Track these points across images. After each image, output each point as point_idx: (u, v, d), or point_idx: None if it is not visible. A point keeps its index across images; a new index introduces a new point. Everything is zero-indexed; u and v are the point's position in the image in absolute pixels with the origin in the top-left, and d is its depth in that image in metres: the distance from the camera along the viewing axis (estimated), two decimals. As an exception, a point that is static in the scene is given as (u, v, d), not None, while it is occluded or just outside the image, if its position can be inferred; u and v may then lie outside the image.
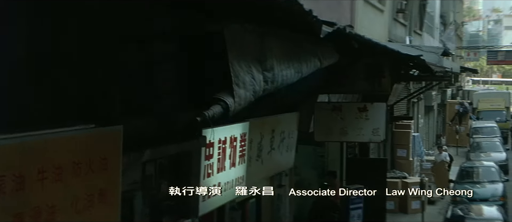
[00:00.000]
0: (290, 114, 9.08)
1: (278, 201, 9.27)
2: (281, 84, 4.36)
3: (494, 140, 26.58)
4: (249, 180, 7.77)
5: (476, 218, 12.55)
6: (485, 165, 19.23)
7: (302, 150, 14.24)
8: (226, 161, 6.84)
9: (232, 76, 3.74)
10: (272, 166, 8.66)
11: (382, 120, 9.16)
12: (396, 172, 18.10)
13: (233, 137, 6.97)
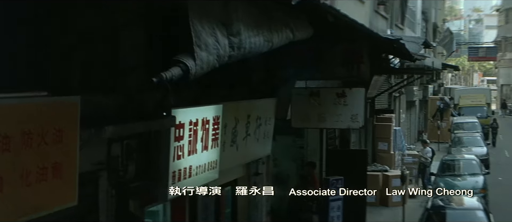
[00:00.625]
0: (266, 99, 8.86)
1: (256, 187, 9.02)
2: (250, 53, 4.12)
3: (475, 135, 26.61)
4: (223, 165, 7.52)
5: (457, 208, 12.43)
6: (466, 158, 19.19)
7: (281, 140, 14.04)
8: (198, 144, 6.58)
9: (193, 36, 3.50)
10: (247, 152, 8.43)
11: (361, 105, 8.96)
12: (377, 166, 17.97)
13: (206, 119, 6.72)
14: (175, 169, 6.15)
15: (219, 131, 7.14)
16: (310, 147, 13.30)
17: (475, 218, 11.35)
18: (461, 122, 30.28)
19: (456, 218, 11.74)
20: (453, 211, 12.10)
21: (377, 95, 18.63)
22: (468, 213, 11.74)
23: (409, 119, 29.72)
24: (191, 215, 7.32)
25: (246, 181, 9.06)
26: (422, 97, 33.95)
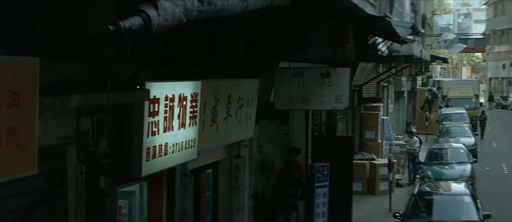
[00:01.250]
0: (249, 79, 8.60)
1: (236, 171, 8.79)
2: (222, 10, 3.86)
3: (463, 125, 26.51)
4: (202, 145, 7.27)
5: (444, 193, 12.26)
6: (454, 147, 19.06)
7: (266, 127, 13.81)
8: (174, 121, 6.32)
9: (157, -18, 3.22)
10: (228, 134, 8.17)
11: (346, 86, 8.72)
12: (364, 154, 17.79)
13: (183, 95, 6.45)
14: (149, 146, 5.89)
15: (198, 109, 6.88)
16: (295, 133, 13.06)
17: (462, 203, 11.18)
18: (449, 113, 30.19)
19: (442, 203, 11.56)
20: (439, 196, 11.92)
21: (365, 83, 18.43)
22: (455, 198, 11.58)
23: (397, 109, 29.59)
24: (168, 196, 7.06)
25: (228, 164, 8.81)
26: (410, 89, 33.84)
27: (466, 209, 11.10)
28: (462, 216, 10.90)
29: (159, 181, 7.04)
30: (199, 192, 8.30)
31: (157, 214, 7.03)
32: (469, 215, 10.95)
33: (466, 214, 10.98)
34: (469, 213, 11.01)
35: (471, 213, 10.99)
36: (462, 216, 10.90)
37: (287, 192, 11.31)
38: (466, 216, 10.91)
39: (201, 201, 8.40)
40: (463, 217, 10.86)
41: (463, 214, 10.98)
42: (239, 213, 8.83)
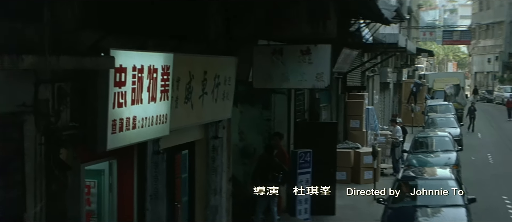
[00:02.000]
0: (226, 57, 8.28)
1: (213, 153, 8.47)
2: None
3: (448, 116, 26.40)
4: (176, 123, 6.95)
5: (428, 178, 12.03)
6: (439, 135, 18.89)
7: (247, 113, 13.51)
8: (143, 93, 5.99)
9: None
10: (204, 112, 7.85)
11: (327, 64, 8.43)
12: (348, 143, 17.53)
13: (153, 67, 6.12)
14: (115, 117, 5.55)
15: (170, 83, 6.56)
16: (277, 119, 12.78)
17: (447, 187, 10.93)
18: (435, 104, 30.07)
19: (427, 187, 11.31)
20: (424, 181, 11.68)
21: (349, 71, 18.18)
22: (439, 183, 11.32)
23: (383, 101, 29.42)
24: (140, 175, 6.73)
25: (204, 145, 8.49)
26: (396, 81, 33.71)
27: (451, 194, 10.87)
28: (447, 200, 10.66)
29: (130, 159, 6.70)
30: (173, 173, 7.99)
31: (127, 194, 6.71)
32: (454, 199, 10.73)
33: (451, 198, 10.75)
34: (454, 197, 10.79)
35: (456, 197, 10.78)
36: (447, 200, 10.66)
37: (268, 178, 11.00)
38: (451, 200, 10.69)
39: (177, 183, 8.08)
40: (448, 201, 10.63)
41: (448, 198, 10.75)
42: (217, 195, 8.52)
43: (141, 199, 6.77)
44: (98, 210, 6.73)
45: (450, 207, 10.49)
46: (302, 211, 12.50)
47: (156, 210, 6.83)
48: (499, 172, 19.13)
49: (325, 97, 17.25)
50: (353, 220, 12.68)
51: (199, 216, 8.49)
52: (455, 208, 10.48)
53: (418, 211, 10.54)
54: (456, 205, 10.55)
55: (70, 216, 5.16)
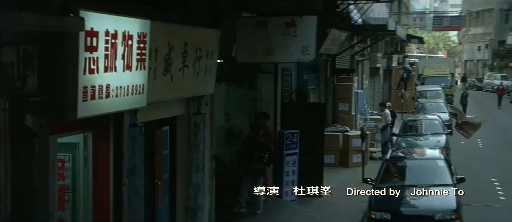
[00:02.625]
0: (208, 29, 7.99)
1: (195, 129, 8.20)
2: None
3: (438, 101, 26.23)
4: (154, 95, 6.68)
5: (417, 158, 11.84)
6: (429, 118, 18.72)
7: (233, 94, 13.25)
8: (117, 61, 5.70)
9: None
10: (185, 86, 7.57)
11: (313, 36, 8.15)
12: (337, 126, 17.31)
13: (127, 33, 5.83)
14: (87, 84, 5.27)
15: (147, 52, 6.27)
16: (263, 99, 12.52)
17: (436, 168, 10.76)
18: (425, 90, 29.90)
19: (415, 167, 11.13)
20: (413, 161, 11.49)
21: (338, 54, 17.94)
22: (428, 162, 11.15)
23: (372, 87, 29.24)
24: (116, 148, 6.45)
25: (186, 121, 8.22)
26: (386, 67, 33.53)
27: (440, 173, 10.70)
28: (436, 179, 10.48)
29: (105, 132, 6.43)
30: (153, 149, 7.72)
31: (103, 168, 6.43)
32: (442, 179, 10.55)
33: (440, 177, 10.58)
34: (442, 177, 10.61)
35: (445, 177, 10.60)
36: (436, 179, 10.48)
37: (254, 157, 10.76)
38: (439, 179, 10.51)
39: (156, 159, 7.82)
40: (436, 181, 10.45)
41: (437, 178, 10.57)
42: (199, 172, 8.26)
43: (117, 174, 6.50)
44: (73, 185, 6.46)
45: (439, 186, 10.29)
46: (289, 192, 12.28)
47: (133, 185, 6.57)
48: (489, 155, 19.05)
49: (314, 80, 17.01)
50: (340, 202, 12.46)
51: (181, 193, 8.24)
52: (444, 187, 10.28)
53: (406, 191, 10.34)
54: (445, 185, 10.35)
55: (37, 187, 4.88)
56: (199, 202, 8.25)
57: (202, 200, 8.33)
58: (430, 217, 9.50)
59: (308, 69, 16.11)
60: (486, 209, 12.21)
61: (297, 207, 11.76)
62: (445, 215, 9.49)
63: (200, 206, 8.27)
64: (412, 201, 10.10)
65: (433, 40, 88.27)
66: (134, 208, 6.59)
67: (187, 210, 8.20)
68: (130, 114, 6.52)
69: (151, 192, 7.72)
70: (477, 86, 50.12)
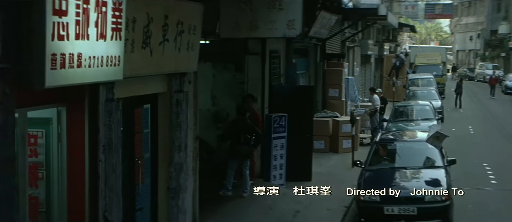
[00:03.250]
0: (190, 3, 7.70)
1: (177, 107, 7.91)
2: None
3: (429, 89, 26.05)
4: (132, 68, 6.39)
5: (407, 140, 11.62)
6: (420, 104, 18.52)
7: (220, 76, 12.98)
8: (90, 28, 5.40)
9: None
10: (166, 61, 7.28)
11: (299, 10, 7.86)
12: (327, 112, 17.06)
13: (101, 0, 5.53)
14: (55, 51, 4.96)
15: (123, 21, 5.96)
16: (251, 82, 12.25)
17: (426, 149, 10.52)
18: (416, 78, 29.71)
19: (405, 149, 10.91)
20: (402, 143, 11.26)
21: (329, 38, 17.66)
22: (418, 144, 10.92)
23: (364, 74, 29.04)
24: (91, 124, 6.16)
25: (168, 99, 7.93)
26: (378, 56, 33.32)
27: (430, 155, 10.47)
28: (426, 161, 10.25)
29: (80, 107, 6.13)
30: (133, 127, 7.43)
31: (78, 144, 6.14)
32: (433, 161, 10.32)
33: (430, 159, 10.35)
34: (433, 159, 10.38)
35: (436, 159, 10.37)
36: (426, 161, 10.25)
37: (240, 140, 10.50)
38: (430, 161, 10.28)
39: (136, 138, 7.53)
40: (427, 163, 10.24)
41: (427, 159, 10.34)
42: (181, 152, 7.97)
43: (93, 150, 6.21)
44: (47, 162, 6.17)
45: (429, 168, 10.08)
46: (277, 177, 12.04)
47: (110, 162, 6.28)
48: (480, 141, 18.91)
49: (303, 65, 16.75)
50: (329, 186, 12.22)
51: (163, 173, 7.96)
52: (434, 169, 10.08)
53: (396, 173, 10.12)
54: (435, 167, 10.13)
55: (1, 158, 4.59)
56: (181, 183, 7.98)
57: (185, 181, 8.06)
58: (420, 198, 9.27)
59: (297, 53, 15.84)
60: (477, 193, 12.01)
61: (284, 190, 11.50)
62: (435, 196, 9.27)
63: (182, 187, 8.01)
64: (402, 182, 9.88)
65: (425, 31, 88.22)
66: (112, 185, 6.31)
67: (169, 191, 7.93)
68: (107, 88, 6.23)
69: (131, 172, 7.44)
70: (469, 76, 50.05)
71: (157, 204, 7.96)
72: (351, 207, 10.67)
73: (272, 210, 10.15)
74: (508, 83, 36.82)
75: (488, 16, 54.03)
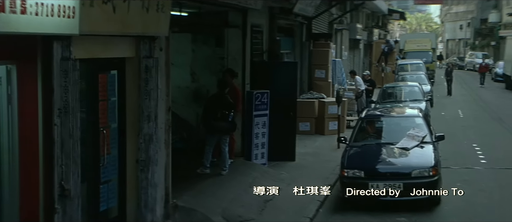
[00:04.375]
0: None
1: (146, 74, 7.35)
2: None
3: (419, 73, 25.63)
4: (91, 24, 5.85)
5: (394, 115, 11.14)
6: (409, 85, 18.08)
7: (199, 52, 12.44)
8: (37, -28, 4.85)
9: None
10: (131, 21, 6.71)
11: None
12: (313, 93, 16.57)
13: None
14: (-6, -7, 4.41)
15: (78, -32, 5.41)
16: (231, 56, 11.72)
17: (414, 125, 10.04)
18: (405, 63, 29.26)
19: (392, 125, 10.44)
20: (389, 118, 10.78)
21: (315, 17, 17.12)
22: (405, 120, 10.43)
23: (352, 60, 28.57)
24: (45, 84, 5.61)
25: (136, 64, 7.38)
26: (367, 42, 32.88)
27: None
28: (413, 137, 9.75)
29: (32, 65, 5.58)
30: (96, 94, 6.88)
31: (30, 106, 5.60)
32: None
33: (418, 135, 9.84)
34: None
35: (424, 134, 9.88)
36: (413, 137, 9.75)
37: (218, 115, 9.96)
38: (417, 137, 9.78)
39: (101, 106, 6.98)
40: (414, 138, 9.72)
41: (414, 135, 9.83)
42: (150, 122, 7.42)
43: (48, 113, 5.67)
44: (-5, 126, 5.63)
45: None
46: (259, 156, 11.53)
47: (66, 126, 5.74)
48: (470, 124, 18.53)
49: (288, 44, 16.23)
50: (314, 166, 11.76)
51: (131, 145, 7.42)
52: (422, 144, 9.60)
53: (382, 149, 9.64)
54: (423, 142, 9.65)
55: None
56: (151, 155, 7.44)
57: (155, 153, 7.52)
58: (407, 174, 8.81)
59: (282, 32, 15.32)
60: (466, 171, 11.58)
61: (266, 169, 11.02)
62: (423, 171, 8.80)
63: (152, 159, 7.46)
64: (388, 158, 9.40)
65: (416, 21, 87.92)
66: (68, 152, 5.77)
67: (138, 163, 7.40)
68: (62, 44, 5.68)
69: (95, 142, 6.90)
70: (459, 65, 49.76)
71: (126, 176, 7.43)
72: (335, 186, 10.19)
73: (252, 188, 9.63)
74: (498, 70, 36.44)
75: (478, 4, 53.70)
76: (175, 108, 12.72)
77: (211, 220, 8.02)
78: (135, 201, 7.46)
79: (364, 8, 26.10)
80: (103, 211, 7.10)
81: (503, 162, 12.20)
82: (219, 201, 8.66)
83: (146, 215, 7.44)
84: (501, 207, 9.13)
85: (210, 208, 8.30)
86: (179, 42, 12.49)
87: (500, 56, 44.22)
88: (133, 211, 7.46)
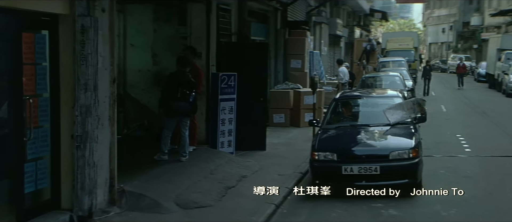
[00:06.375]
0: None
1: (83, 35, 6.37)
2: None
3: (401, 69, 24.82)
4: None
5: (371, 96, 10.24)
6: (390, 74, 17.27)
7: (161, 31, 11.46)
8: None
9: None
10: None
11: None
12: (288, 84, 15.65)
13: None
14: None
15: None
16: (194, 34, 10.75)
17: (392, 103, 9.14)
18: (387, 60, 28.49)
19: (369, 106, 9.54)
20: (365, 99, 9.88)
21: (291, 3, 16.23)
22: (383, 101, 9.51)
23: (333, 57, 27.76)
24: None
25: (71, 24, 6.40)
26: (348, 40, 32.14)
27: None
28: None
29: None
30: (20, 56, 5.89)
31: None
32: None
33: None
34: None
35: (402, 115, 8.98)
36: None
37: (177, 95, 8.97)
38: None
39: (26, 70, 5.99)
40: (392, 120, 8.83)
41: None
42: (88, 92, 6.43)
43: None
44: None
45: (396, 125, 8.71)
46: (225, 144, 10.55)
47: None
48: (453, 117, 17.79)
49: (261, 31, 15.31)
50: (285, 155, 10.82)
51: (66, 117, 6.43)
52: (401, 125, 8.71)
53: (357, 130, 8.72)
54: (402, 124, 8.76)
55: None
56: (89, 130, 6.45)
57: (95, 128, 6.53)
58: (384, 156, 7.90)
59: (255, 17, 14.40)
60: (450, 159, 10.72)
61: (232, 157, 10.05)
62: (402, 153, 7.89)
63: (90, 135, 6.47)
64: (364, 140, 8.47)
65: (399, 27, 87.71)
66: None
67: (73, 139, 6.40)
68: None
69: (18, 113, 5.90)
70: (441, 68, 49.28)
71: (60, 154, 6.43)
72: (307, 174, 9.25)
73: (214, 174, 8.66)
74: (481, 71, 35.85)
75: (460, 7, 53.39)
76: (135, 93, 11.80)
77: (161, 205, 7.04)
78: (71, 183, 6.46)
79: (344, 5, 25.30)
80: (30, 192, 6.09)
81: (489, 151, 11.38)
82: (173, 187, 7.67)
83: (82, 199, 6.43)
84: (490, 194, 8.25)
85: (162, 193, 7.31)
86: (139, 22, 11.53)
87: (482, 58, 43.79)
88: (68, 193, 6.46)
